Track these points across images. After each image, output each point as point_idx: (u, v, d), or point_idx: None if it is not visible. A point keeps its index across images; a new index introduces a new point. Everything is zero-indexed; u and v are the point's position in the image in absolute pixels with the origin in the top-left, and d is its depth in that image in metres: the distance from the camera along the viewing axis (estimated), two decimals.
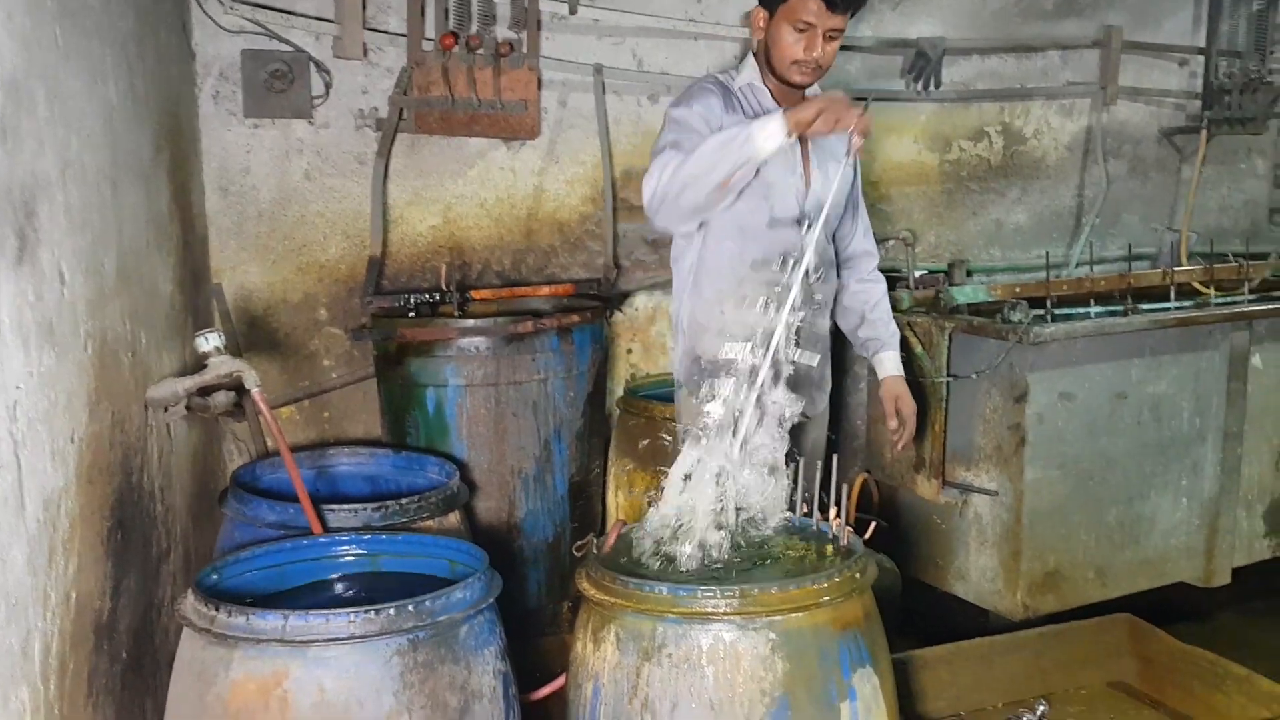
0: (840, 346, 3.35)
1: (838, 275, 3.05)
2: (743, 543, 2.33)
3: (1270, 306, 3.94)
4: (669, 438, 2.89)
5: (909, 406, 3.03)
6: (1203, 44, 5.05)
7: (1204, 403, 3.84)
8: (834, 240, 3.02)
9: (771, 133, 2.52)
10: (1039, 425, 3.52)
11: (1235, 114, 4.94)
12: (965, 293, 3.87)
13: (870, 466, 3.76)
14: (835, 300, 3.08)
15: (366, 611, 2.00)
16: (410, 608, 2.04)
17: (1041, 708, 2.76)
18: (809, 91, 2.88)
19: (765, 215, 2.80)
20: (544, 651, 3.28)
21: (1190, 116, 5.09)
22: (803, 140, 2.74)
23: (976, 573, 3.69)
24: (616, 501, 3.72)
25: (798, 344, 2.46)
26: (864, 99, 2.64)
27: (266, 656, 1.98)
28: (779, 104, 2.80)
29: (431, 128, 3.57)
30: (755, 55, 2.88)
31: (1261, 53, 4.98)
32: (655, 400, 3.73)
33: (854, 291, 3.09)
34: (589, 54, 3.85)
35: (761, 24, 2.80)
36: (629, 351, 4.11)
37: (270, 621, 1.98)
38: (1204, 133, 4.94)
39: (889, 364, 3.05)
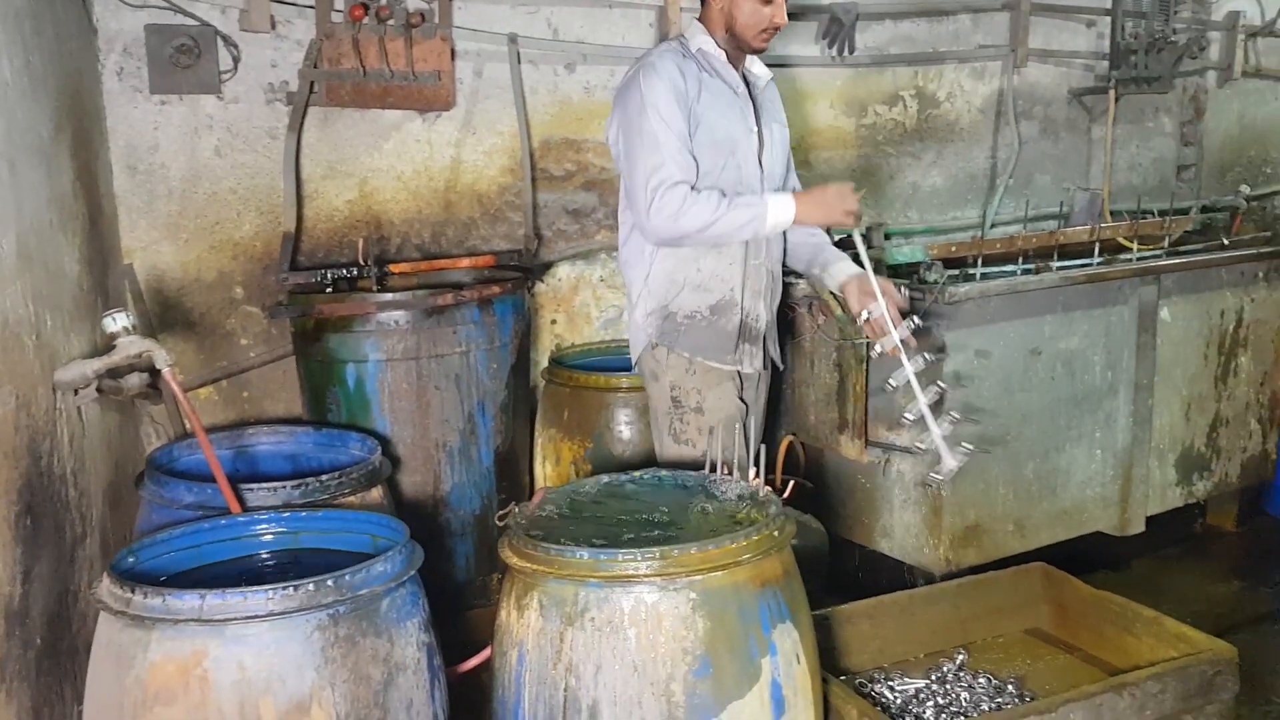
0: None
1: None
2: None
3: (1176, 261, 4.05)
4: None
5: (888, 284, 3.07)
6: (1109, 5, 5.14)
7: (1115, 356, 3.94)
8: None
9: (783, 220, 2.90)
10: (957, 383, 3.58)
11: (1142, 74, 5.05)
12: (905, 253, 3.94)
13: (796, 429, 3.81)
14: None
15: (285, 588, 1.99)
16: (330, 582, 2.03)
17: (961, 656, 2.83)
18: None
19: (734, 174, 2.96)
20: (474, 624, 3.28)
21: (1099, 77, 5.19)
22: (753, 100, 3.02)
23: (901, 530, 3.76)
24: (544, 471, 3.73)
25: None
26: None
27: (185, 636, 1.96)
28: (730, 65, 3.00)
29: (344, 100, 3.53)
30: (704, 20, 3.01)
31: (1166, 13, 5.08)
32: (581, 370, 3.75)
33: (800, 241, 3.22)
34: (503, 23, 3.83)
35: None
36: (553, 322, 4.11)
37: (187, 601, 1.96)
38: (1112, 93, 5.04)
39: (848, 267, 3.12)
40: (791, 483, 2.43)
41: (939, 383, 3.02)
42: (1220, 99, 5.71)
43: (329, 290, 3.41)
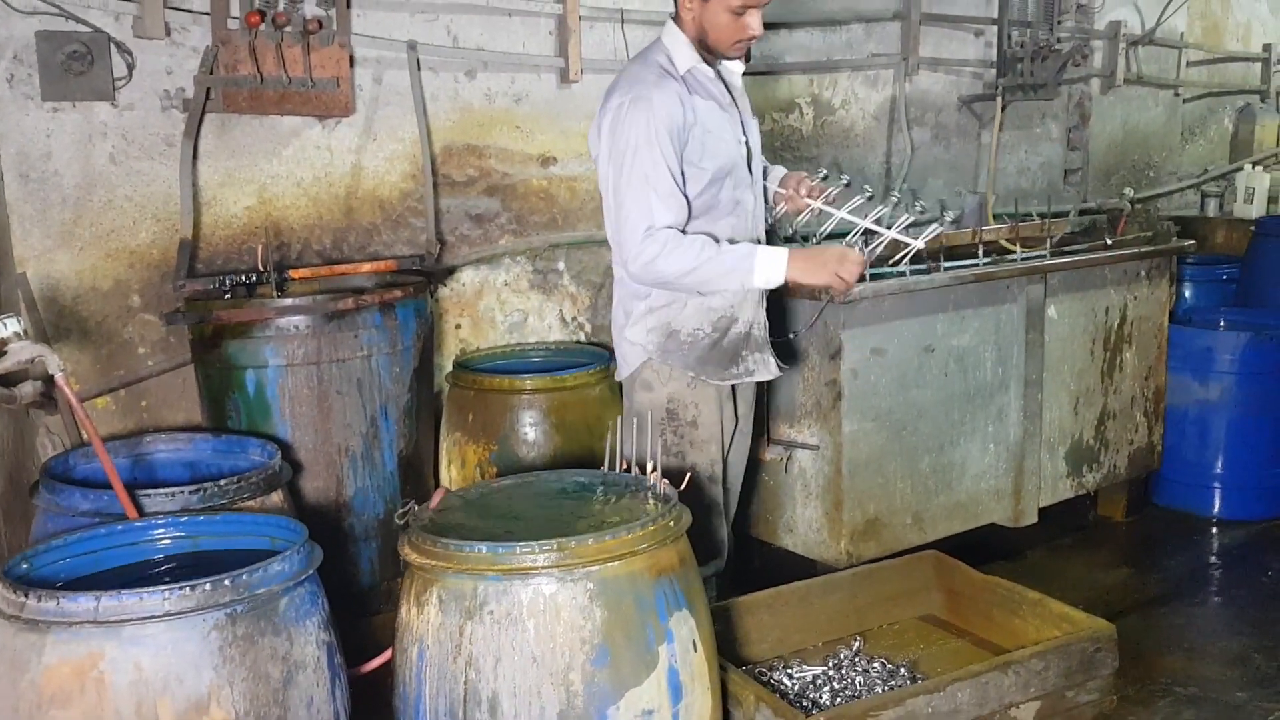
0: None
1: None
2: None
3: (1061, 261, 4.20)
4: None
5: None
6: (995, 15, 5.33)
7: (1005, 353, 4.07)
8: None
9: (773, 278, 2.86)
10: (854, 380, 3.68)
11: (1028, 81, 5.24)
12: None
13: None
14: None
15: (181, 588, 2.00)
16: (227, 582, 2.04)
17: (857, 643, 2.92)
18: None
19: (731, 191, 2.96)
20: (380, 628, 3.28)
21: (987, 85, 5.37)
22: (736, 106, 3.02)
23: (803, 525, 3.85)
24: (450, 475, 3.75)
25: None
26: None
27: (80, 639, 1.96)
28: (715, 77, 2.97)
29: (241, 107, 3.51)
30: (679, 25, 2.93)
31: (1050, 23, 5.29)
32: (486, 373, 3.77)
33: None
34: (403, 31, 3.84)
35: (689, 5, 2.87)
36: (458, 326, 4.13)
37: (82, 604, 1.96)
38: (999, 100, 5.22)
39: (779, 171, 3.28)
40: (688, 476, 2.49)
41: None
42: (1104, 105, 5.94)
43: (227, 297, 3.38)
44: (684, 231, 2.84)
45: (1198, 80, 6.60)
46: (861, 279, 3.54)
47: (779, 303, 3.59)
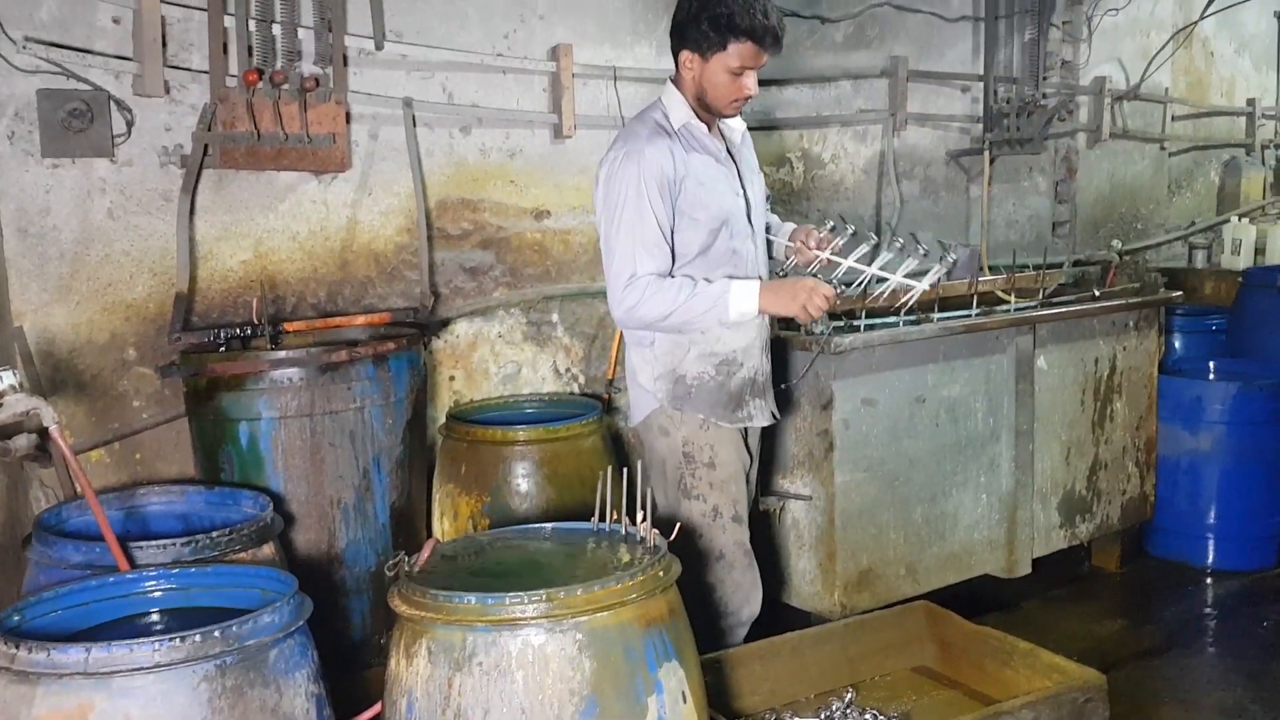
0: None
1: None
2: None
3: (1049, 312, 4.25)
4: None
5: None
6: (982, 71, 5.42)
7: (996, 403, 4.11)
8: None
9: (748, 308, 2.95)
10: (845, 431, 3.71)
11: (1015, 135, 5.32)
12: None
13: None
14: None
15: (171, 639, 2.00)
16: (217, 633, 2.04)
17: (849, 695, 2.91)
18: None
19: (728, 242, 3.04)
20: (372, 682, 3.25)
21: (974, 139, 5.45)
22: (734, 160, 3.13)
23: (797, 576, 3.85)
24: (442, 527, 3.75)
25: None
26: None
27: (70, 691, 1.96)
28: (711, 133, 3.09)
29: (238, 163, 3.56)
30: (678, 85, 3.05)
31: (1035, 78, 5.38)
32: (479, 424, 3.79)
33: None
34: (399, 88, 3.90)
35: (690, 65, 2.99)
36: (452, 378, 4.15)
37: (72, 655, 1.96)
38: (987, 154, 5.29)
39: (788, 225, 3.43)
40: (678, 525, 2.50)
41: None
42: (1091, 159, 6.02)
43: (222, 350, 3.41)
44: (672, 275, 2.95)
45: (1183, 134, 6.69)
46: (835, 315, 3.62)
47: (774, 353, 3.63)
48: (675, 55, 3.05)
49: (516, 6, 4.14)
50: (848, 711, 2.83)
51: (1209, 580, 4.62)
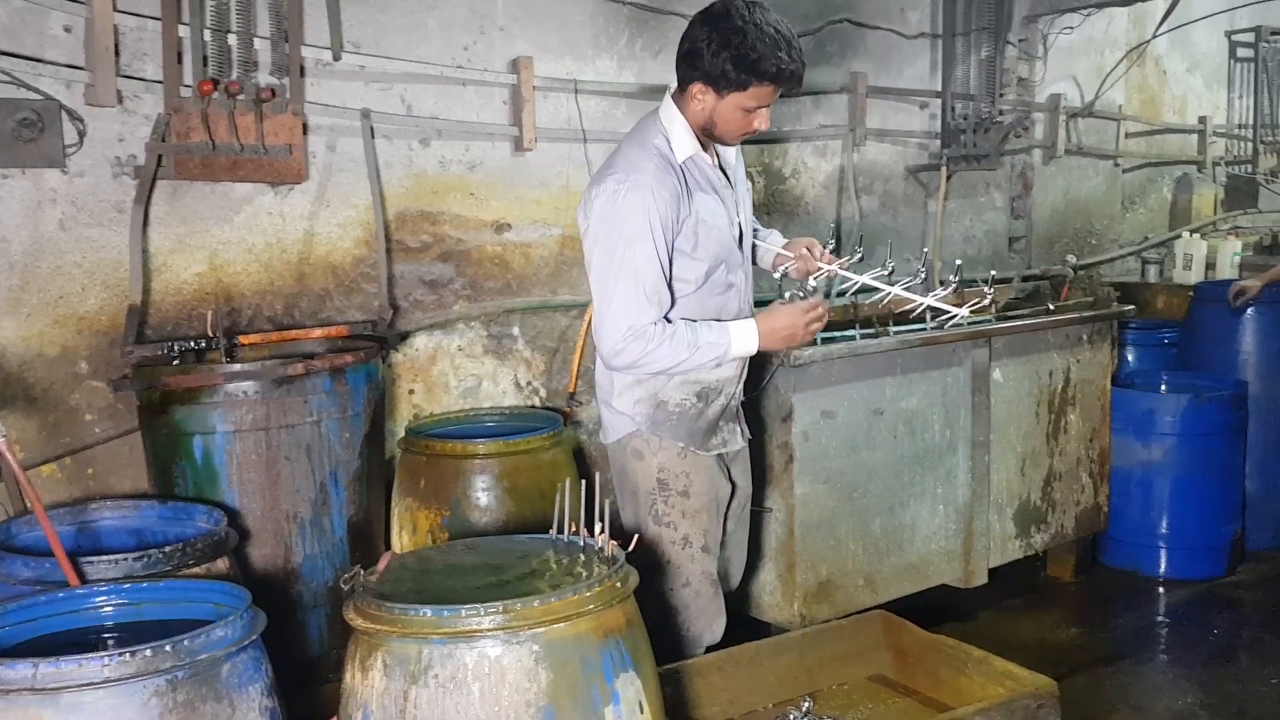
0: None
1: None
2: None
3: (1005, 325, 4.30)
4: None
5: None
6: (939, 88, 5.48)
7: (952, 415, 4.14)
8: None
9: (747, 349, 2.94)
10: (805, 443, 3.73)
11: (972, 151, 5.38)
12: None
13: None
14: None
15: (121, 654, 1.97)
16: (168, 648, 2.01)
17: (807, 704, 2.92)
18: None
19: (723, 275, 3.00)
20: (329, 697, 3.22)
21: (932, 155, 5.51)
22: (727, 177, 3.05)
23: (758, 587, 3.86)
24: (401, 541, 3.72)
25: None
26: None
27: (18, 707, 1.92)
28: (711, 162, 3.00)
29: (193, 174, 3.53)
30: (680, 107, 2.93)
31: (992, 96, 5.44)
32: (438, 438, 3.77)
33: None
34: (357, 99, 3.89)
35: (702, 97, 2.86)
36: (411, 392, 4.13)
37: (19, 671, 1.92)
38: (944, 170, 5.35)
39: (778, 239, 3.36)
40: (636, 537, 2.50)
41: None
42: (1046, 175, 6.11)
43: (176, 363, 3.37)
44: (667, 318, 2.88)
45: (1136, 151, 6.80)
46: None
47: None
48: (684, 82, 2.90)
49: (476, 19, 4.14)
50: None
51: (1161, 589, 4.67)
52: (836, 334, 3.83)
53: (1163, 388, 4.94)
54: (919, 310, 3.32)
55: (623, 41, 4.50)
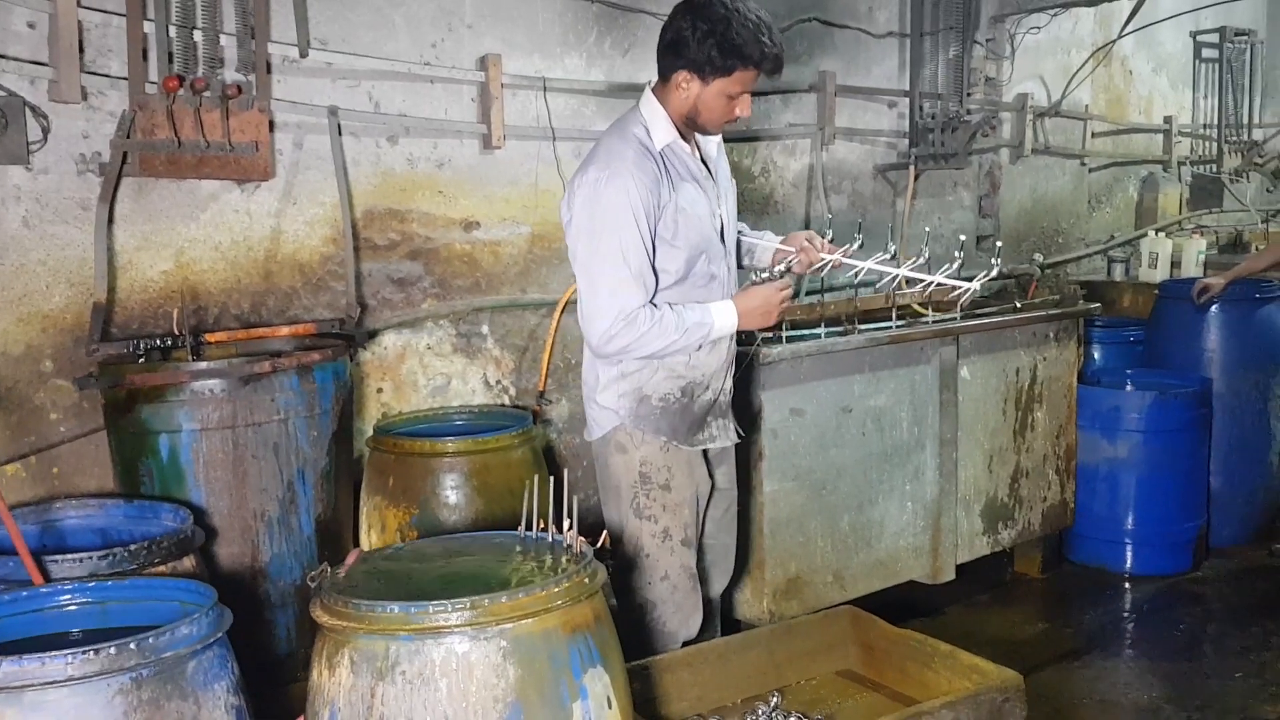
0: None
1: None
2: None
3: (972, 323, 4.33)
4: None
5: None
6: (908, 87, 5.52)
7: (920, 413, 4.17)
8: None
9: (728, 328, 3.01)
10: (774, 440, 3.74)
11: (939, 150, 5.42)
12: None
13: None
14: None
15: (85, 652, 1.96)
16: (132, 646, 2.01)
17: (775, 699, 2.93)
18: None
19: (705, 265, 3.03)
20: (297, 696, 3.21)
21: (901, 154, 5.54)
22: (709, 171, 3.10)
23: (728, 585, 3.86)
24: (370, 540, 3.71)
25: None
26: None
27: None
28: (692, 151, 3.05)
29: (158, 171, 3.50)
30: (661, 98, 2.99)
31: (960, 95, 5.48)
32: (407, 436, 3.76)
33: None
34: (324, 96, 3.87)
35: (687, 85, 2.93)
36: (380, 390, 4.12)
37: None
38: (912, 169, 5.38)
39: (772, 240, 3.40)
40: (605, 534, 2.51)
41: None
42: (1014, 174, 6.15)
43: (141, 361, 3.35)
44: (653, 303, 2.93)
45: (1103, 151, 6.86)
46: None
47: None
48: (666, 71, 2.96)
49: (444, 16, 4.13)
50: (773, 715, 2.85)
51: (1127, 585, 4.72)
52: (805, 332, 3.84)
53: (1128, 385, 4.99)
54: (909, 297, 3.35)
55: (591, 39, 4.50)
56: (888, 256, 3.28)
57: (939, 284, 3.31)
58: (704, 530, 3.24)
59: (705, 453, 3.16)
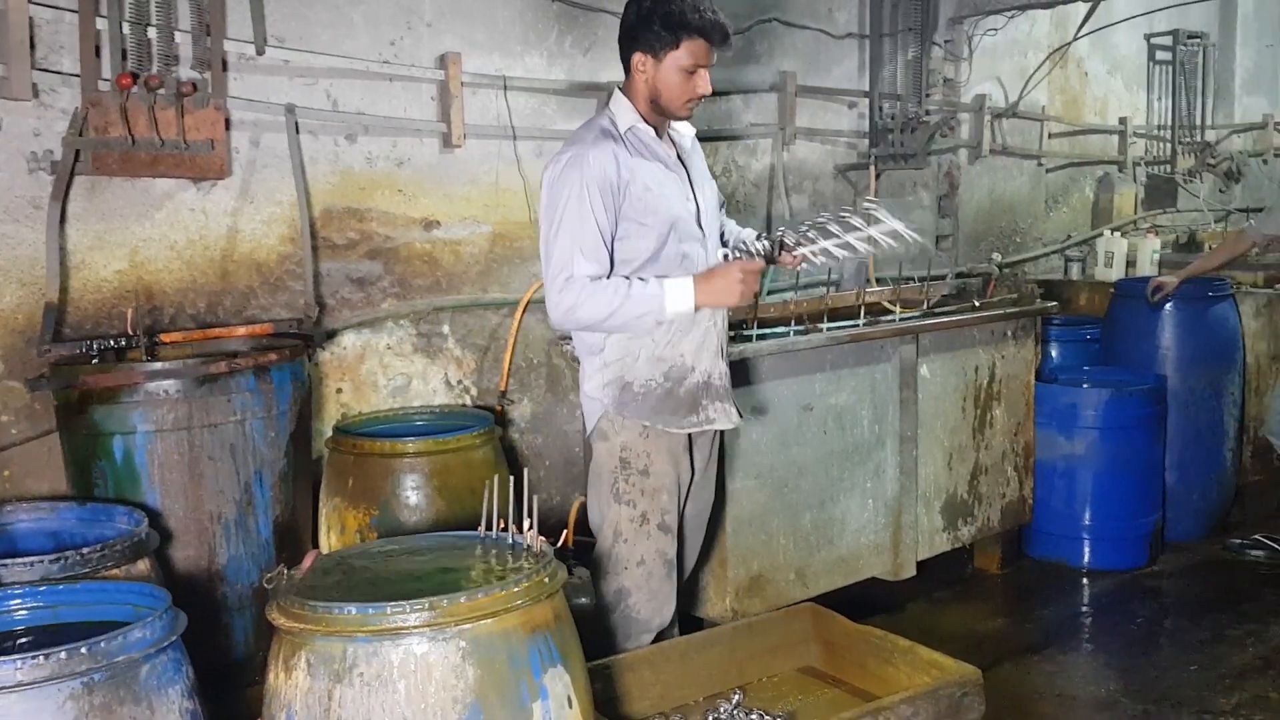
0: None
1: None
2: None
3: (932, 322, 4.36)
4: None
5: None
6: (867, 88, 5.55)
7: (881, 411, 4.19)
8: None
9: (683, 307, 2.96)
10: (736, 439, 3.74)
11: (899, 151, 5.45)
12: None
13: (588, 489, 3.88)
14: None
15: (34, 657, 1.94)
16: (84, 650, 1.98)
17: (736, 697, 2.93)
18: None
19: (676, 247, 3.04)
20: (255, 700, 3.18)
21: (861, 154, 5.57)
22: (684, 166, 3.13)
23: (691, 582, 3.87)
24: (329, 542, 3.68)
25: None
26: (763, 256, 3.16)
27: None
28: (659, 138, 3.08)
29: (112, 169, 3.45)
30: (628, 91, 3.06)
31: (919, 96, 5.52)
32: (366, 437, 3.73)
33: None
34: (281, 94, 3.84)
35: (643, 66, 3.00)
36: (339, 391, 4.08)
37: None
38: (873, 169, 5.41)
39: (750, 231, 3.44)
40: (565, 533, 2.50)
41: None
42: (972, 175, 6.20)
43: (95, 361, 3.30)
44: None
45: (1059, 151, 6.93)
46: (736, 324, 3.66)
47: None
48: (626, 61, 3.05)
49: (403, 14, 4.11)
50: (735, 713, 2.85)
51: (1085, 580, 4.77)
52: (768, 331, 3.85)
53: (1085, 383, 5.04)
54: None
55: (552, 38, 4.49)
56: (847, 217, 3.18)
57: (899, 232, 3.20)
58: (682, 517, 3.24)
59: (691, 443, 3.17)
